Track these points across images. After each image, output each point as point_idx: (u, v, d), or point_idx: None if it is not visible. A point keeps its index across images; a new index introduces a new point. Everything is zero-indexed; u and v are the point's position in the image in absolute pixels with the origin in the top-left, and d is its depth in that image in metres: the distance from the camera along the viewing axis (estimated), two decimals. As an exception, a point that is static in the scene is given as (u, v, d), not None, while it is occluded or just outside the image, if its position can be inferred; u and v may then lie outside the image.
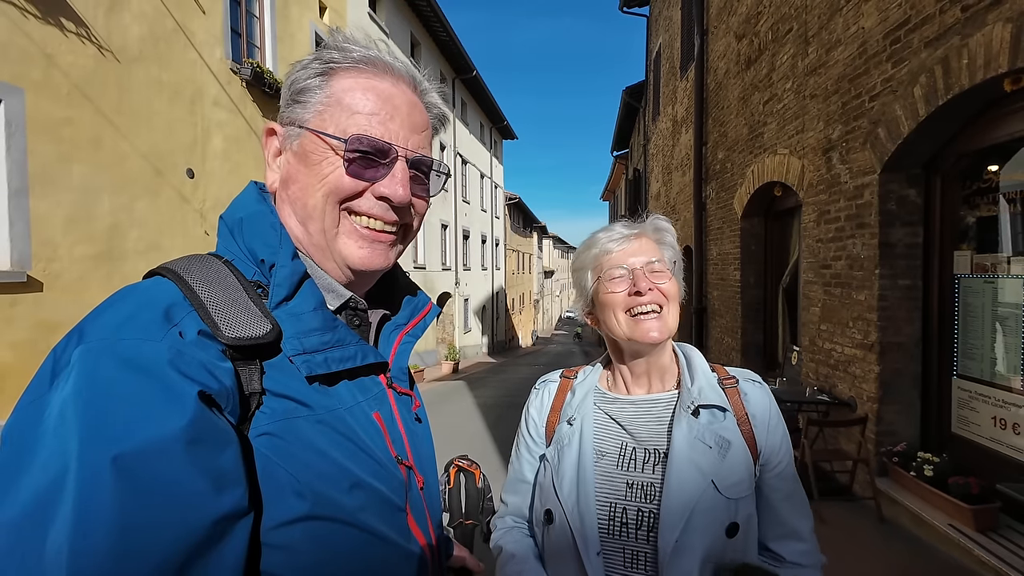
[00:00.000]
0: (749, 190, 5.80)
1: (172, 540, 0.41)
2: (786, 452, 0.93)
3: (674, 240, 0.98)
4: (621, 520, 0.87)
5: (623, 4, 12.24)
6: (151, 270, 0.56)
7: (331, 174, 0.61)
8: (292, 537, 0.50)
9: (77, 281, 4.75)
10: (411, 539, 0.61)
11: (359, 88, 0.62)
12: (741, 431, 0.90)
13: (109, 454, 0.39)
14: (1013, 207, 2.98)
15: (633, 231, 0.96)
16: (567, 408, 0.99)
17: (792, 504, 0.93)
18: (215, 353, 0.49)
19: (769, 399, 0.94)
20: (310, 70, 0.62)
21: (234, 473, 0.46)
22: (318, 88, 0.62)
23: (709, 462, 0.86)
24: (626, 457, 0.91)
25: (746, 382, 0.95)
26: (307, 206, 0.62)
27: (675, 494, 0.84)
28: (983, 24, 2.68)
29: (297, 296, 0.58)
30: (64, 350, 0.46)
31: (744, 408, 0.91)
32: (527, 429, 1.05)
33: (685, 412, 0.89)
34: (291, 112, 0.63)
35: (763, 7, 5.41)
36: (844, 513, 3.46)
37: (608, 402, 0.97)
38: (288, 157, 0.64)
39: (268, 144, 0.65)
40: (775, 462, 0.91)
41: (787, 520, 0.92)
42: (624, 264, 0.92)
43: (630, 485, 0.89)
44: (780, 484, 0.92)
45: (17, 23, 4.31)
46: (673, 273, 0.94)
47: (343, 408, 0.58)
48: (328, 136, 0.60)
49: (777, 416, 0.93)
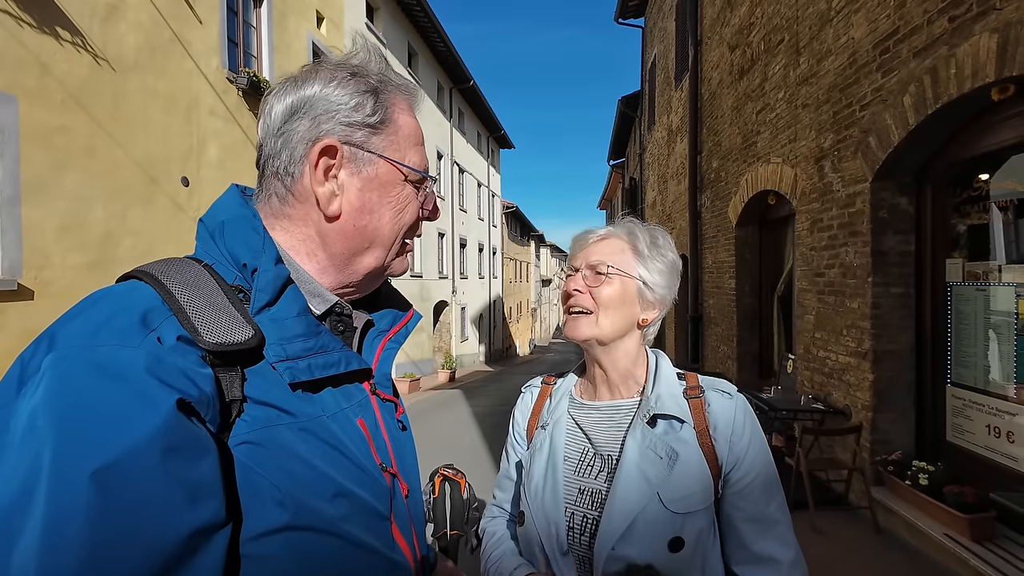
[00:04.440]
0: (743, 199, 5.83)
1: (145, 554, 0.40)
2: (753, 468, 0.85)
3: (650, 245, 0.94)
4: (568, 525, 0.87)
5: (619, 15, 12.38)
6: (126, 273, 0.54)
7: (408, 206, 0.65)
8: (272, 548, 0.49)
9: (68, 289, 4.71)
10: (395, 548, 0.60)
11: (413, 119, 0.66)
12: (700, 443, 0.85)
13: (88, 467, 0.38)
14: (1004, 215, 3.00)
15: (603, 231, 0.97)
16: (544, 413, 1.00)
17: (758, 527, 0.85)
18: (195, 359, 0.48)
19: (735, 411, 0.87)
20: (370, 95, 0.63)
21: (211, 484, 0.45)
22: (384, 115, 0.63)
23: (657, 473, 0.83)
24: (584, 463, 0.91)
25: (712, 392, 0.89)
26: (379, 235, 0.64)
27: (619, 502, 0.83)
28: (970, 34, 2.72)
29: (280, 301, 0.57)
30: (33, 356, 0.44)
31: (706, 420, 0.86)
32: (513, 432, 1.08)
33: (641, 420, 0.87)
34: (353, 134, 0.61)
35: (755, 18, 5.47)
36: (840, 523, 3.44)
37: (577, 408, 0.97)
38: (352, 181, 0.62)
39: (320, 161, 0.60)
40: (736, 478, 0.85)
41: (751, 543, 0.85)
42: (574, 263, 0.95)
43: (581, 491, 0.89)
44: (742, 504, 0.85)
45: (12, 32, 4.31)
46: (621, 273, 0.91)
47: (327, 415, 0.57)
48: (412, 170, 0.65)
49: (743, 430, 0.86)
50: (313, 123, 0.60)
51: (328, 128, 0.60)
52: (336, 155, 0.61)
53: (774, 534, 0.85)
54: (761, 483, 0.86)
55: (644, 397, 0.91)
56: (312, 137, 0.60)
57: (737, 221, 6.08)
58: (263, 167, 0.63)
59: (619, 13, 12.32)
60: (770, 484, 0.87)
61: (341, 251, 0.63)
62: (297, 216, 0.62)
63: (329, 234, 0.62)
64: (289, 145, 0.61)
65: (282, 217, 0.63)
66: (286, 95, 0.62)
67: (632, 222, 0.98)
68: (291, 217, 0.62)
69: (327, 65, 0.64)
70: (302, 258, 0.63)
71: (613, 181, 22.55)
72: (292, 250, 0.62)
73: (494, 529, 1.05)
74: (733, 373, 6.22)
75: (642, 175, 13.62)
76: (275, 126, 0.62)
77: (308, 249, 0.63)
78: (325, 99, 0.61)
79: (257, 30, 7.70)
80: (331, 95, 0.61)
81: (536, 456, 0.95)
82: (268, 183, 0.63)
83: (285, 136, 0.61)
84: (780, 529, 0.86)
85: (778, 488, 0.88)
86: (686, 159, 8.18)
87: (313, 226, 0.62)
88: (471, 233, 20.07)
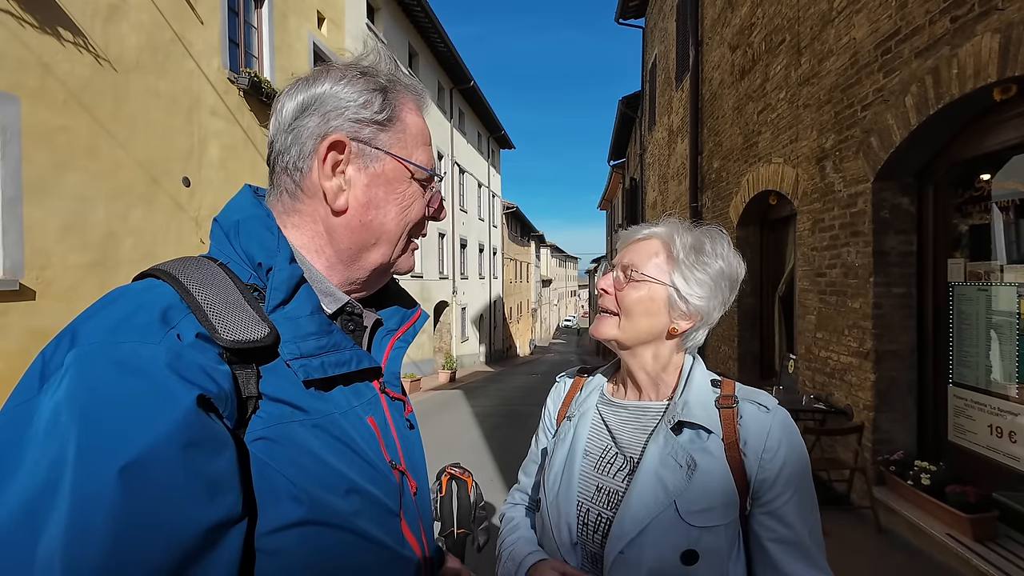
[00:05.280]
0: (744, 199, 5.83)
1: (166, 547, 0.40)
2: (788, 489, 0.80)
3: (686, 249, 0.87)
4: (584, 521, 0.87)
5: (619, 16, 12.39)
6: (143, 272, 0.55)
7: (414, 203, 0.66)
8: (287, 542, 0.49)
9: (70, 289, 4.71)
10: (405, 544, 0.61)
11: (421, 119, 0.68)
12: (728, 456, 0.80)
13: (112, 462, 0.39)
14: (1005, 215, 3.00)
15: (647, 231, 0.93)
16: (573, 405, 1.00)
17: (791, 550, 0.80)
18: (213, 356, 0.48)
19: (771, 426, 0.81)
20: (379, 93, 0.64)
21: (229, 479, 0.45)
22: (391, 112, 0.64)
23: (676, 481, 0.80)
24: (605, 461, 0.90)
25: (748, 403, 0.84)
26: (385, 230, 0.65)
27: (633, 506, 0.81)
28: (972, 35, 2.72)
29: (294, 300, 0.57)
30: (55, 353, 0.45)
31: (736, 432, 0.82)
32: (544, 417, 1.09)
33: (666, 425, 0.85)
34: (361, 130, 0.62)
35: (756, 19, 5.48)
36: (841, 523, 3.44)
37: (606, 404, 0.97)
38: (360, 177, 0.63)
39: (328, 156, 0.61)
40: (768, 498, 0.80)
41: (783, 566, 0.80)
42: (615, 261, 0.94)
43: (599, 488, 0.88)
44: (773, 524, 0.81)
45: (14, 32, 4.32)
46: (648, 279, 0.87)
47: (338, 412, 0.57)
48: (419, 167, 0.65)
49: (778, 447, 0.80)
50: (322, 119, 0.62)
51: (337, 124, 0.61)
52: (344, 150, 0.62)
53: (807, 559, 0.81)
54: (795, 504, 0.81)
55: (672, 402, 0.87)
56: (321, 133, 0.61)
57: (738, 221, 6.08)
58: (273, 163, 0.64)
59: (619, 13, 12.33)
60: (805, 506, 0.82)
61: (348, 246, 0.63)
62: (306, 211, 0.63)
63: (336, 229, 0.63)
64: (299, 141, 0.62)
65: (293, 213, 0.63)
66: (297, 93, 0.63)
67: (677, 223, 0.91)
68: (300, 212, 0.63)
69: (339, 66, 0.65)
70: (312, 256, 0.64)
71: (613, 181, 22.54)
72: (304, 249, 0.63)
73: (512, 514, 1.07)
74: (734, 373, 6.22)
75: (643, 175, 13.62)
76: (286, 122, 0.63)
77: (317, 246, 0.63)
78: (335, 96, 0.62)
79: (258, 30, 7.70)
80: (340, 92, 0.62)
81: (559, 446, 0.95)
82: (279, 179, 0.64)
83: (295, 132, 0.62)
84: (813, 554, 0.81)
85: (813, 509, 0.83)
86: (687, 159, 8.18)
87: (321, 222, 0.63)
88: (471, 233, 20.08)
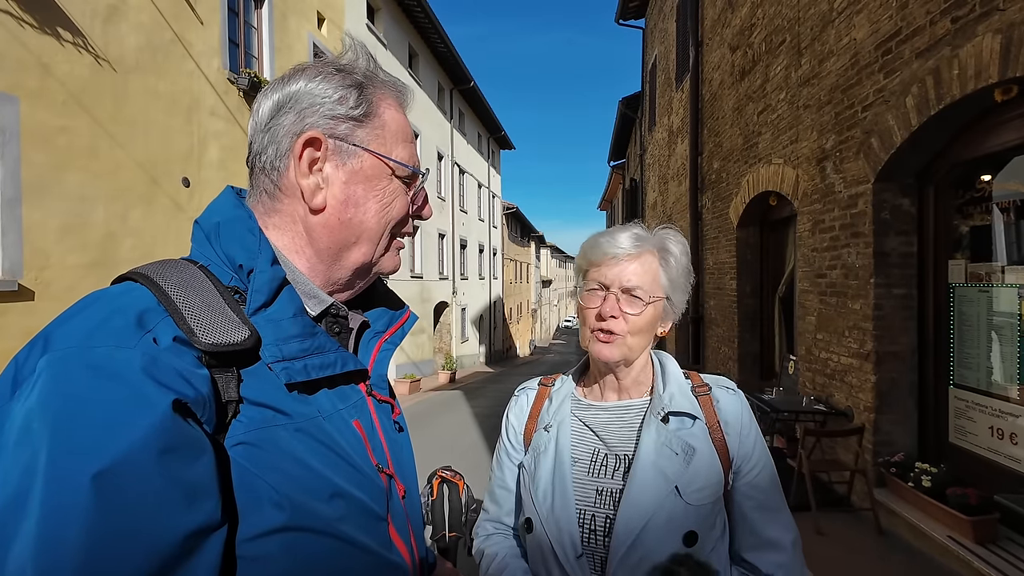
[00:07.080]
0: (744, 200, 5.82)
1: (142, 556, 0.39)
2: (760, 460, 0.92)
3: (680, 260, 0.94)
4: (591, 528, 0.86)
5: (619, 16, 12.40)
6: (121, 275, 0.54)
7: (395, 201, 0.65)
8: (269, 548, 0.49)
9: (69, 290, 4.71)
10: (392, 549, 0.60)
11: (401, 115, 0.66)
12: (712, 439, 0.89)
13: (85, 469, 0.38)
14: (1006, 216, 2.99)
15: (634, 249, 0.90)
16: (544, 415, 0.98)
17: (767, 514, 0.91)
18: (191, 360, 0.47)
19: (742, 406, 0.93)
20: (354, 89, 0.62)
21: (207, 485, 0.45)
22: (368, 108, 0.63)
23: (674, 468, 0.85)
24: (597, 463, 0.91)
25: (719, 389, 0.94)
26: (365, 228, 0.63)
27: (635, 499, 0.83)
28: (973, 35, 2.71)
29: (276, 302, 0.57)
30: (28, 358, 0.44)
31: (716, 415, 0.91)
32: (507, 436, 1.04)
33: (655, 418, 0.89)
34: (337, 127, 0.61)
35: (756, 19, 5.47)
36: (842, 525, 3.43)
37: (583, 408, 0.96)
38: (337, 174, 0.62)
39: (304, 153, 0.60)
40: (747, 469, 0.91)
41: (761, 530, 0.90)
42: (603, 280, 0.90)
43: (599, 492, 0.88)
44: (753, 492, 0.90)
45: (14, 33, 4.32)
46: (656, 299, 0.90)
47: (322, 416, 0.56)
48: (400, 164, 0.64)
49: (750, 423, 0.92)
50: (298, 117, 0.61)
51: (312, 121, 0.61)
52: (320, 147, 0.61)
53: (780, 520, 0.91)
54: (768, 473, 0.92)
55: (654, 396, 0.92)
56: (297, 130, 0.61)
57: (738, 222, 6.07)
58: (252, 164, 0.64)
59: (620, 14, 12.34)
60: (774, 473, 0.93)
61: (328, 245, 0.62)
62: (285, 211, 0.62)
63: (315, 228, 0.62)
64: (275, 139, 0.61)
65: (273, 214, 0.63)
66: (273, 92, 0.63)
67: (666, 236, 0.94)
68: (280, 213, 0.62)
69: (315, 63, 0.65)
70: (294, 257, 0.63)
71: (613, 182, 22.55)
72: (286, 250, 0.62)
73: (495, 550, 0.98)
74: (734, 374, 6.21)
75: (643, 176, 13.62)
76: (263, 122, 0.62)
77: (297, 246, 0.63)
78: (310, 93, 0.61)
79: (258, 31, 7.71)
80: (315, 89, 0.62)
81: (541, 458, 0.93)
82: (258, 179, 0.63)
83: (272, 131, 0.61)
84: (784, 515, 0.92)
85: (777, 476, 0.95)
86: (687, 160, 8.18)
87: (300, 221, 0.62)
88: (471, 234, 20.08)
